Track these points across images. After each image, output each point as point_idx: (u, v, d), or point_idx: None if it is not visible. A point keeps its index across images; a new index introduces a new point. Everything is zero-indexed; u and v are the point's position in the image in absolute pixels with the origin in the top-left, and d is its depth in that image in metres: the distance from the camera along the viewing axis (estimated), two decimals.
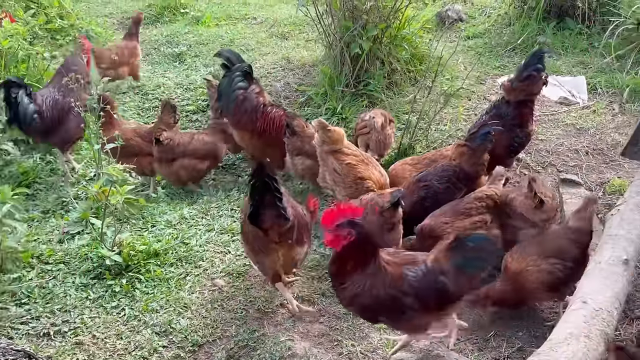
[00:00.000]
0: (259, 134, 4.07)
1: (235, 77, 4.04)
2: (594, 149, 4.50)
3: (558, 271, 2.90)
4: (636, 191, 2.94)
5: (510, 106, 3.88)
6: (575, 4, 6.20)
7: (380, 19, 5.10)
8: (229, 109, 4.07)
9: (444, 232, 3.14)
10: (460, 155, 3.47)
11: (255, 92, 4.10)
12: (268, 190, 2.75)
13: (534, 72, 3.78)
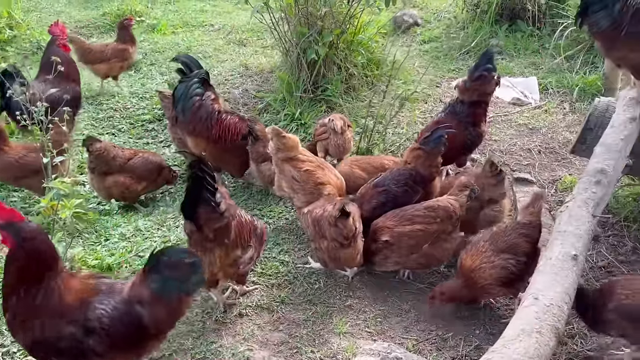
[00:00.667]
0: (215, 141, 3.99)
1: (193, 83, 3.96)
2: (546, 147, 4.62)
3: (511, 266, 2.96)
4: (583, 188, 3.01)
5: (464, 105, 3.96)
6: (525, 7, 6.37)
7: (336, 25, 5.12)
8: (185, 116, 4.00)
9: (383, 235, 3.16)
10: (416, 159, 3.49)
11: (211, 99, 4.03)
12: (202, 185, 2.69)
13: (485, 72, 3.87)
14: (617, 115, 3.41)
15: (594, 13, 3.04)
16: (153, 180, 4.14)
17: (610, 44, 3.13)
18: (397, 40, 6.85)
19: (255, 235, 3.03)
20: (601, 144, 3.25)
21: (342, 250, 3.09)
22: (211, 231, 2.77)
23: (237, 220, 2.92)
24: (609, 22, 3.00)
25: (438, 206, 3.21)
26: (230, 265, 2.89)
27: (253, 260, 3.03)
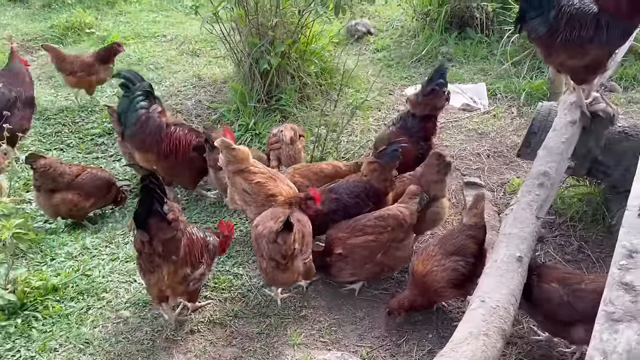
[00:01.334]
0: (165, 155, 3.90)
1: (136, 96, 3.88)
2: (494, 151, 4.73)
3: (461, 267, 3.02)
4: (527, 190, 3.09)
5: (415, 119, 4.00)
6: (473, 15, 6.54)
7: (287, 35, 5.14)
8: (132, 130, 3.90)
9: (336, 248, 3.17)
10: (371, 172, 3.50)
11: (158, 112, 3.94)
12: (152, 196, 2.70)
13: (437, 87, 3.93)
14: (559, 119, 3.52)
15: (531, 20, 3.12)
16: (102, 196, 4.03)
17: (548, 50, 3.23)
18: (350, 49, 6.92)
19: (207, 252, 3.00)
20: (544, 147, 3.34)
21: (278, 271, 2.98)
22: (160, 243, 2.75)
23: (187, 237, 2.89)
24: (546, 29, 3.10)
25: (388, 215, 3.23)
26: (179, 282, 2.86)
27: (205, 277, 2.99)
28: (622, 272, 2.51)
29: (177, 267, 2.81)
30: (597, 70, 3.24)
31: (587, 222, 3.83)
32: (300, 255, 3.03)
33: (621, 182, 3.58)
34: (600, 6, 3.10)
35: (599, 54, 3.13)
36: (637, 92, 5.62)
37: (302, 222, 3.12)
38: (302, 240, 3.04)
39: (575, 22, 3.06)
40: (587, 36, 3.05)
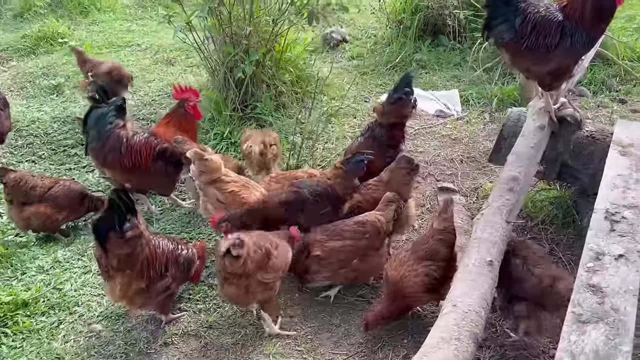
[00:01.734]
0: (129, 168, 3.84)
1: (110, 111, 3.83)
2: (467, 157, 4.80)
3: (433, 272, 3.05)
4: (498, 195, 3.14)
5: (383, 128, 4.04)
6: (446, 22, 6.64)
7: (261, 44, 5.15)
8: (93, 146, 3.84)
9: (314, 250, 3.18)
10: (335, 177, 3.51)
11: (119, 127, 3.87)
12: (115, 212, 2.73)
13: (403, 95, 3.97)
14: (528, 125, 3.59)
15: (497, 26, 3.19)
16: (75, 208, 3.97)
17: (514, 56, 3.30)
18: (326, 57, 6.97)
19: (177, 265, 2.98)
20: (513, 152, 3.40)
21: (226, 284, 2.91)
22: (116, 258, 2.76)
23: (149, 251, 2.88)
24: (511, 35, 3.17)
25: (367, 221, 3.26)
26: (136, 293, 2.84)
27: (171, 290, 2.97)
28: (590, 274, 2.57)
29: (132, 280, 2.83)
30: (563, 77, 3.32)
31: (558, 225, 3.90)
32: (253, 279, 2.90)
33: (590, 186, 3.67)
34: (566, 15, 3.19)
35: (563, 61, 3.21)
36: (606, 96, 5.77)
37: (270, 247, 3.01)
38: (262, 264, 2.92)
39: (541, 29, 3.14)
40: (551, 43, 3.12)
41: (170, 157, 3.91)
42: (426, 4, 6.61)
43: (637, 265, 2.59)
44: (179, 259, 3.02)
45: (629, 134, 3.54)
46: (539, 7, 3.24)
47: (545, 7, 3.27)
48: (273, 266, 2.97)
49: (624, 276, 2.52)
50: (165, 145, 3.91)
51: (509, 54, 3.32)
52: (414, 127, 5.34)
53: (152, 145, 3.89)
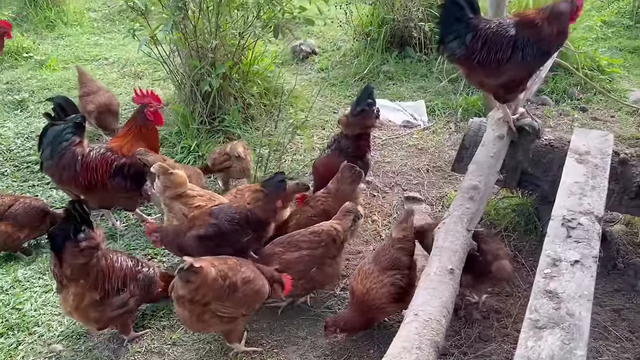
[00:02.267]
0: (86, 187, 3.75)
1: (68, 128, 3.75)
2: (433, 166, 4.86)
3: (399, 281, 3.07)
4: (459, 204, 3.19)
5: (349, 139, 4.07)
6: (412, 35, 6.74)
7: (228, 57, 5.16)
8: (48, 164, 3.75)
9: (273, 263, 3.17)
10: (255, 200, 3.40)
11: (74, 144, 3.76)
12: (71, 223, 2.76)
13: (366, 106, 4.03)
14: (487, 135, 3.66)
15: (449, 43, 3.27)
16: (36, 226, 3.89)
17: (467, 70, 3.38)
18: (295, 69, 7.01)
19: (136, 282, 2.96)
20: (473, 162, 3.46)
21: (177, 307, 2.85)
22: (70, 267, 2.77)
23: (107, 263, 2.87)
24: (463, 51, 3.24)
25: (322, 230, 3.26)
26: (90, 306, 2.83)
27: (129, 306, 2.93)
28: (547, 280, 2.63)
29: (85, 291, 2.82)
30: (517, 89, 3.41)
31: (521, 231, 3.98)
32: (208, 309, 2.82)
33: (550, 193, 3.74)
34: (519, 30, 3.28)
35: (516, 74, 3.30)
36: (568, 104, 5.93)
37: (237, 280, 2.89)
38: (221, 295, 2.82)
39: (492, 44, 3.22)
40: (502, 57, 3.21)
41: (129, 172, 3.81)
42: (392, 17, 6.71)
43: (592, 271, 2.66)
44: (138, 276, 2.99)
45: (586, 142, 3.65)
46: (491, 23, 3.33)
47: (498, 23, 3.36)
48: (235, 300, 2.87)
49: (579, 281, 2.58)
50: (122, 161, 3.80)
51: (463, 68, 3.41)
52: (381, 137, 5.40)
53: (109, 161, 3.78)
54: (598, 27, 7.44)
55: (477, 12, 3.34)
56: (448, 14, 3.29)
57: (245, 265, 2.99)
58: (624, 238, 3.96)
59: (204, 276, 2.73)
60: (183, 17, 4.72)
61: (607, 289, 3.55)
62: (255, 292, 2.95)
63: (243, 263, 3.01)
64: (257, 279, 2.97)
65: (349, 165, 3.71)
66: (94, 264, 2.83)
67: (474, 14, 3.31)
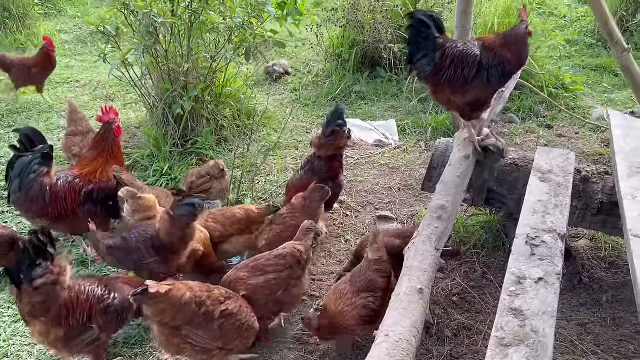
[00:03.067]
0: (56, 217, 3.70)
1: (36, 159, 3.68)
2: (404, 185, 4.95)
3: (371, 304, 3.11)
4: (427, 224, 3.26)
5: (322, 161, 4.14)
6: (382, 56, 6.89)
7: (200, 80, 5.20)
8: (16, 197, 3.67)
9: (239, 288, 3.15)
10: (162, 222, 3.30)
11: (43, 174, 3.69)
12: (26, 257, 2.70)
13: (337, 127, 4.11)
14: (454, 155, 3.76)
15: (419, 60, 3.39)
16: (4, 255, 3.79)
17: (435, 88, 3.51)
18: (269, 90, 7.07)
19: (105, 315, 2.90)
20: (441, 182, 3.55)
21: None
22: (28, 304, 2.70)
23: (71, 297, 2.81)
24: (431, 69, 3.36)
25: (286, 253, 3.26)
26: (56, 341, 2.78)
27: (101, 340, 2.91)
28: (512, 298, 2.70)
29: (49, 327, 2.75)
30: (482, 108, 3.53)
31: (489, 248, 4.07)
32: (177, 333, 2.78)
33: (516, 210, 3.83)
34: (483, 50, 3.42)
35: (481, 93, 3.43)
36: (534, 122, 6.11)
37: (214, 310, 2.85)
38: (190, 321, 2.78)
39: (458, 62, 3.35)
40: (469, 75, 3.34)
41: (99, 197, 3.78)
42: (362, 39, 6.85)
43: (556, 288, 2.74)
44: (108, 309, 2.91)
45: (549, 160, 3.78)
46: (457, 43, 3.47)
47: (464, 43, 3.49)
48: (211, 331, 2.81)
49: (543, 299, 2.66)
50: (90, 187, 3.76)
51: (431, 86, 3.53)
52: (354, 157, 5.48)
53: (77, 189, 3.74)
54: (562, 46, 7.72)
55: (443, 32, 3.48)
56: (416, 34, 3.42)
57: (234, 300, 2.94)
58: (589, 253, 4.08)
59: (171, 299, 2.69)
60: (154, 41, 4.74)
61: (573, 303, 3.65)
62: (236, 328, 2.89)
63: (232, 297, 2.96)
64: (243, 315, 2.92)
65: (318, 185, 3.78)
66: (54, 300, 2.74)
67: (440, 34, 3.44)
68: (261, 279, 3.17)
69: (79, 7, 11.18)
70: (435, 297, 3.64)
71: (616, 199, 3.52)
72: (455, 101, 3.49)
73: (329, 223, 4.43)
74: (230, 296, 2.97)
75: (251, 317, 2.98)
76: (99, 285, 3.00)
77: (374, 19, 6.74)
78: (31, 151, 3.71)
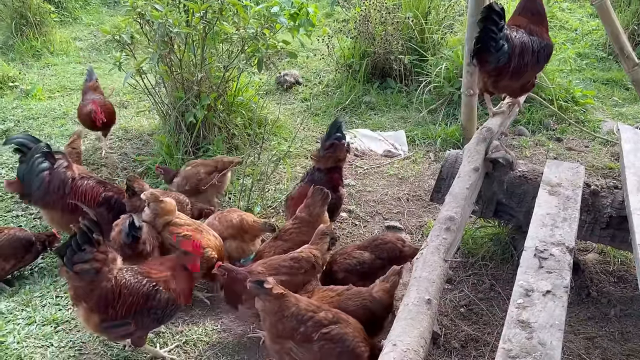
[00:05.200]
0: (71, 210, 3.82)
1: (35, 160, 3.85)
2: (413, 195, 4.99)
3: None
4: (435, 235, 3.28)
5: (322, 173, 4.19)
6: (392, 67, 6.95)
7: (213, 89, 5.28)
8: (36, 194, 3.86)
9: None
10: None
11: (64, 167, 3.94)
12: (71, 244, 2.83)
13: (335, 140, 4.17)
14: (463, 167, 3.78)
15: (498, 50, 3.56)
16: (20, 257, 3.89)
17: (499, 76, 3.75)
18: (279, 99, 7.15)
19: (146, 316, 2.94)
20: (450, 193, 3.56)
21: None
22: (71, 288, 2.83)
23: (113, 286, 2.89)
24: (506, 58, 3.60)
25: (302, 257, 3.31)
26: (96, 326, 2.89)
27: (134, 336, 3.00)
28: (520, 311, 2.72)
29: (88, 312, 2.85)
30: (531, 87, 4.06)
31: (498, 261, 4.09)
32: None
33: (524, 223, 3.86)
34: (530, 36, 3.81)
35: (533, 74, 3.91)
36: (544, 135, 6.13)
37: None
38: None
39: (521, 51, 3.70)
40: (529, 62, 3.74)
41: (116, 205, 3.94)
42: (373, 50, 6.92)
43: (563, 301, 2.75)
44: (150, 311, 2.94)
45: (558, 174, 3.79)
46: (513, 32, 3.71)
47: (515, 30, 3.75)
48: (310, 352, 2.75)
49: (550, 311, 2.67)
50: (110, 194, 3.96)
51: (495, 74, 3.74)
52: (363, 167, 5.53)
53: (98, 191, 3.94)
54: (572, 59, 7.74)
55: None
56: (493, 25, 3.54)
57: (341, 326, 2.80)
58: (597, 267, 4.09)
59: (279, 305, 2.73)
60: (169, 51, 4.83)
61: (581, 317, 3.65)
62: (336, 354, 2.75)
63: (339, 321, 2.82)
64: (347, 343, 2.77)
65: (317, 188, 3.80)
66: (95, 286, 2.82)
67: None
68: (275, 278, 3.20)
69: (93, 14, 11.39)
70: (442, 309, 3.66)
71: (625, 213, 3.54)
72: (511, 85, 3.81)
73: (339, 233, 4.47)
74: (338, 321, 2.83)
75: (358, 344, 2.81)
76: (148, 281, 3.00)
77: (385, 30, 6.81)
78: (28, 155, 3.88)
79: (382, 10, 6.83)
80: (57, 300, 3.65)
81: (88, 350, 3.24)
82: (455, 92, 6.32)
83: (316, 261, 3.31)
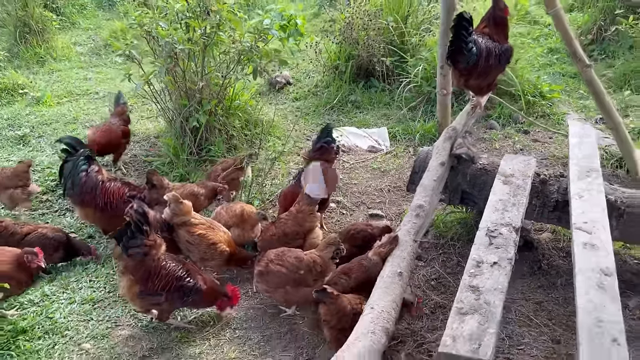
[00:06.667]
0: (102, 208, 4.50)
1: (79, 161, 4.54)
2: (394, 186, 5.64)
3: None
4: (407, 220, 3.94)
5: None
6: (375, 68, 7.58)
7: (213, 95, 5.90)
8: (74, 190, 4.52)
9: (259, 264, 3.87)
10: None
11: (95, 171, 4.60)
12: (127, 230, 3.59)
13: (325, 144, 4.80)
14: (432, 161, 4.44)
15: (469, 51, 4.08)
16: (49, 255, 4.22)
17: (469, 75, 4.28)
18: (272, 99, 7.77)
19: (175, 292, 3.64)
20: (420, 185, 4.23)
21: None
22: (123, 263, 3.61)
23: (155, 265, 3.63)
24: (475, 59, 4.11)
25: (303, 259, 3.80)
26: (135, 295, 3.62)
27: (162, 306, 3.70)
28: (471, 278, 3.39)
29: (132, 283, 3.60)
30: (494, 86, 4.57)
31: (464, 241, 4.75)
32: None
33: (484, 208, 4.53)
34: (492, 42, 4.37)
35: (496, 74, 4.42)
36: (512, 128, 6.78)
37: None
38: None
39: (487, 53, 4.23)
40: (493, 63, 4.25)
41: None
42: (357, 53, 7.55)
43: (507, 270, 3.41)
44: (180, 289, 3.65)
45: (512, 166, 4.46)
46: (478, 37, 4.25)
47: (480, 36, 4.31)
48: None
49: (496, 278, 3.32)
50: (135, 192, 4.60)
51: (466, 74, 4.26)
52: (349, 162, 6.18)
53: (124, 190, 4.60)
54: (544, 53, 8.35)
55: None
56: (462, 30, 4.10)
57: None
58: (549, 244, 4.76)
59: (338, 304, 3.44)
60: (174, 65, 5.44)
61: (532, 286, 4.32)
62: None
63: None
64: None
65: (306, 194, 4.34)
66: (142, 265, 3.57)
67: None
68: (276, 267, 3.80)
69: (90, 19, 11.87)
70: (416, 282, 4.33)
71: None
72: (479, 83, 4.37)
73: (327, 222, 5.13)
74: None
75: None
76: (183, 269, 3.73)
77: (368, 35, 7.43)
78: (74, 155, 4.58)
79: (364, 17, 7.44)
80: (91, 283, 4.31)
81: (122, 323, 3.92)
82: (433, 91, 6.95)
83: (314, 267, 3.76)
